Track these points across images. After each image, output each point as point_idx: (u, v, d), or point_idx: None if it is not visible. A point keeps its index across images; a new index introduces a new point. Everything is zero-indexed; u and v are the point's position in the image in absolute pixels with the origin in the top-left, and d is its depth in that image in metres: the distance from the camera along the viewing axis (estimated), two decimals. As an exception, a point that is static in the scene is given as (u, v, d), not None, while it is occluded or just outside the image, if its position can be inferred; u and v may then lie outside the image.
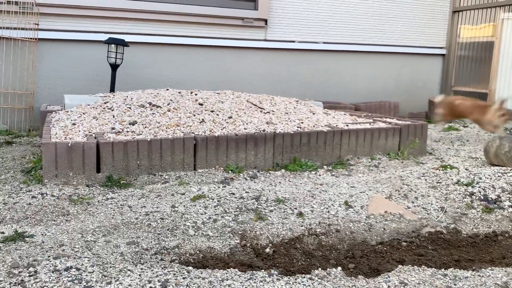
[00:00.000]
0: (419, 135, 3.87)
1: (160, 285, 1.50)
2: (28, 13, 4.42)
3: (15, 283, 1.48)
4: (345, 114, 4.26)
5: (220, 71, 5.37)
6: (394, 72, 6.35)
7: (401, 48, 6.27)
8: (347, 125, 3.72)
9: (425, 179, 2.96)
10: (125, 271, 1.59)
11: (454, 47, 6.51)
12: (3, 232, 1.97)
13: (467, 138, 4.86)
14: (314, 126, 3.58)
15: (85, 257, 1.72)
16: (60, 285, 1.45)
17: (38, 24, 4.46)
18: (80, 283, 1.48)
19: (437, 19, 6.45)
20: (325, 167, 3.39)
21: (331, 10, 5.80)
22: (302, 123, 3.62)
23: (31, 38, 4.45)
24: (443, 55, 6.60)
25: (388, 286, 1.55)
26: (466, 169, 3.13)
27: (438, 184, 2.87)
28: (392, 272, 1.71)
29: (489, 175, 2.91)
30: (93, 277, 1.52)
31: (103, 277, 1.53)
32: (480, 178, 2.86)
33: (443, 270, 1.73)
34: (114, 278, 1.53)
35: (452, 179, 2.90)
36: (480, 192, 2.69)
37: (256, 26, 5.42)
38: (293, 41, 5.66)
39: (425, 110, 6.41)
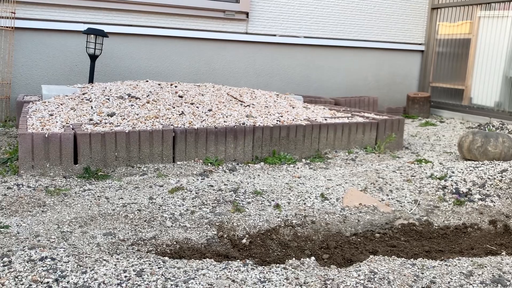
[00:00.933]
0: (396, 130, 3.94)
1: (135, 274, 1.52)
2: (4, 1, 4.33)
3: (-12, 273, 1.48)
4: (324, 109, 4.31)
5: (201, 63, 5.36)
6: (374, 67, 6.43)
7: (381, 43, 6.35)
8: (326, 119, 3.77)
9: (400, 173, 3.03)
10: (100, 261, 1.60)
11: (432, 43, 6.63)
12: (-23, 223, 1.95)
13: (443, 133, 4.97)
14: (293, 120, 3.61)
15: (60, 248, 1.72)
16: (34, 275, 1.45)
17: (14, 13, 4.37)
18: (55, 272, 1.48)
19: (415, 15, 6.55)
20: (303, 160, 3.43)
21: (312, 4, 5.83)
22: (281, 116, 3.66)
23: (7, 27, 4.36)
24: (422, 51, 6.71)
25: (358, 275, 1.60)
26: (440, 163, 3.21)
27: (413, 177, 2.94)
28: (364, 262, 1.76)
29: (462, 169, 2.99)
30: (68, 267, 1.52)
31: (79, 266, 1.54)
32: (453, 172, 2.94)
33: (412, 260, 1.79)
34: (90, 267, 1.54)
35: (426, 173, 2.98)
36: (452, 185, 2.77)
37: (237, 19, 5.42)
38: (274, 35, 5.68)
39: (403, 105, 6.52)
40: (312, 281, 1.54)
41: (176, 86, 4.00)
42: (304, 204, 2.43)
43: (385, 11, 6.31)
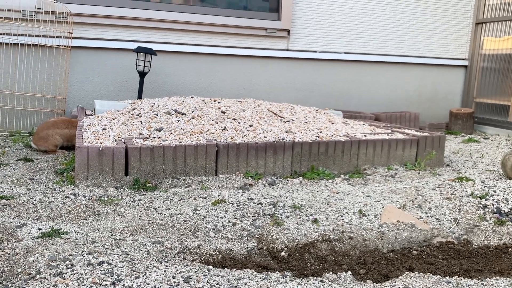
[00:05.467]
0: (437, 147, 3.93)
1: (183, 280, 1.64)
2: (63, 22, 4.68)
3: (54, 274, 1.65)
4: (364, 124, 4.35)
5: (243, 79, 5.53)
6: (415, 82, 6.39)
7: (423, 59, 6.32)
8: (365, 135, 3.81)
9: (440, 190, 3.03)
10: (151, 267, 1.74)
11: (476, 58, 6.52)
12: (40, 228, 2.16)
13: (486, 150, 4.87)
14: (332, 135, 3.69)
15: (115, 254, 1.88)
16: (94, 277, 1.61)
17: (72, 33, 4.71)
18: (112, 276, 1.64)
19: (459, 30, 6.48)
20: (342, 176, 3.49)
21: (353, 21, 5.90)
22: (320, 132, 3.74)
23: (65, 46, 4.70)
24: (465, 66, 6.61)
25: (394, 290, 1.66)
26: (482, 182, 3.19)
27: (453, 195, 2.94)
28: (399, 278, 1.81)
29: (504, 188, 2.96)
30: (123, 271, 1.67)
31: (132, 271, 1.68)
32: (495, 191, 2.92)
33: (447, 277, 1.83)
34: (142, 273, 1.68)
35: (466, 191, 2.97)
36: (493, 204, 2.75)
37: (278, 36, 5.56)
38: (315, 51, 5.78)
39: (445, 121, 6.43)
40: (348, 294, 1.61)
41: (219, 102, 4.17)
42: (342, 219, 2.50)
43: (427, 27, 6.28)
